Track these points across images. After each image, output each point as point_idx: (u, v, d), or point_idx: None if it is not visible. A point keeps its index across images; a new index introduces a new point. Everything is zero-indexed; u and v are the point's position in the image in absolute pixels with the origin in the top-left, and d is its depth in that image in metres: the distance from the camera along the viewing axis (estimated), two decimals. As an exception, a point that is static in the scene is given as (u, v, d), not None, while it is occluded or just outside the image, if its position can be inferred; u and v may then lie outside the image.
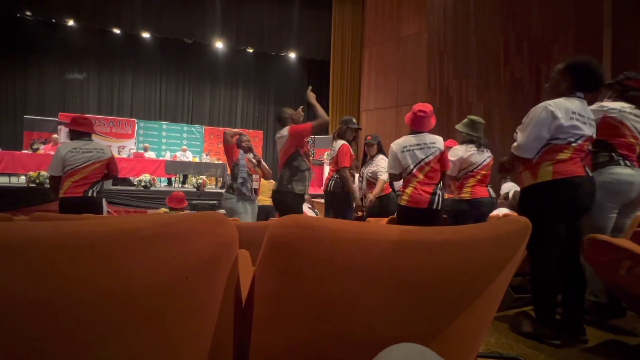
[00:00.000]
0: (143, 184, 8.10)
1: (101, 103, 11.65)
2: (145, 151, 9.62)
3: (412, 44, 9.32)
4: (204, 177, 9.09)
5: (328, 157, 4.61)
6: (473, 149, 2.82)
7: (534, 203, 1.83)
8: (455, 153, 2.84)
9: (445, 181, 2.72)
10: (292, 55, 12.65)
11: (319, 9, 11.37)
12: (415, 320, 0.68)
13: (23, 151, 8.31)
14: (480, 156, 2.82)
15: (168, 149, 10.99)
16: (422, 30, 8.76)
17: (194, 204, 6.67)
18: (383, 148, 3.54)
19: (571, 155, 1.76)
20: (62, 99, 11.15)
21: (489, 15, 6.63)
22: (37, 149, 8.32)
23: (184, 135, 11.67)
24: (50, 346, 0.49)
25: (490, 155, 2.90)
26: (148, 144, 10.19)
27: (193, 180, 9.19)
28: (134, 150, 10.10)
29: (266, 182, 4.40)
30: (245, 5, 11.07)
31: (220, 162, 9.63)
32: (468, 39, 6.97)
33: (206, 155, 10.84)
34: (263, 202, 4.45)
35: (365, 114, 10.66)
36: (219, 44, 11.88)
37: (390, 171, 2.77)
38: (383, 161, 3.39)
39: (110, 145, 6.73)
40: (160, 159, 9.49)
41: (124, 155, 9.68)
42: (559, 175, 1.75)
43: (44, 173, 6.82)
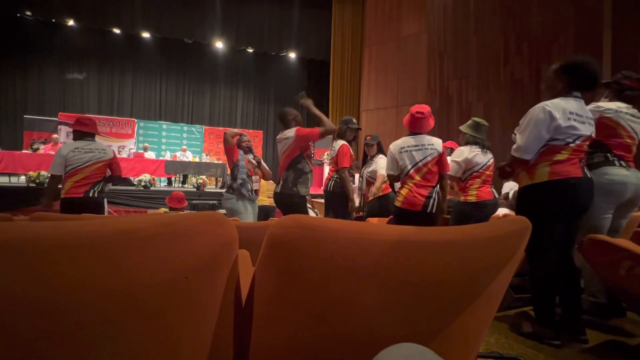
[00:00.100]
0: (143, 184, 8.12)
1: (101, 103, 11.65)
2: (145, 151, 9.63)
3: (412, 44, 9.32)
4: (204, 177, 9.10)
5: (328, 157, 4.62)
6: (477, 149, 2.81)
7: (532, 203, 1.82)
8: (461, 153, 2.83)
9: (445, 183, 2.71)
10: (292, 55, 12.66)
11: (319, 9, 11.38)
12: (415, 320, 0.68)
13: (23, 151, 8.32)
14: (484, 157, 2.82)
15: (168, 149, 10.99)
16: (422, 30, 8.76)
17: (194, 204, 6.66)
18: (383, 148, 3.54)
19: (569, 156, 1.75)
20: (62, 99, 11.16)
21: (489, 15, 6.62)
22: (37, 149, 8.33)
23: (184, 135, 11.67)
24: (51, 346, 0.49)
25: (492, 157, 2.90)
26: (148, 143, 10.20)
27: (193, 180, 9.19)
28: (134, 150, 10.11)
29: (265, 183, 4.40)
30: (245, 5, 11.07)
31: (220, 162, 9.64)
32: (468, 39, 6.97)
33: (206, 155, 10.85)
34: (262, 203, 4.45)
35: (365, 114, 10.66)
36: (219, 44, 11.88)
37: (388, 172, 2.76)
38: (382, 160, 3.39)
39: (111, 145, 6.70)
40: (160, 159, 9.49)
41: (124, 155, 9.68)
42: (556, 176, 1.74)
43: (44, 173, 6.83)
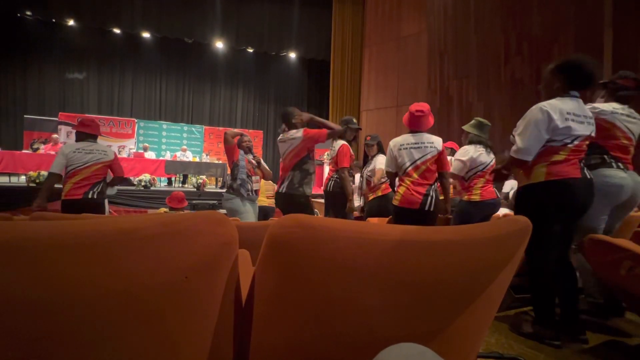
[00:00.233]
0: (143, 183, 8.12)
1: (101, 103, 11.65)
2: (145, 151, 9.63)
3: (412, 44, 9.31)
4: (204, 177, 9.10)
5: (328, 157, 4.62)
6: (482, 149, 2.81)
7: (529, 203, 1.82)
8: (466, 152, 2.82)
9: (446, 182, 2.71)
10: (292, 55, 12.66)
11: (319, 9, 11.38)
12: (415, 320, 0.68)
13: (23, 151, 8.33)
14: (488, 157, 2.82)
15: (168, 149, 11.00)
16: (422, 30, 8.76)
17: (194, 203, 6.67)
18: (383, 148, 3.54)
19: (567, 157, 1.75)
20: (62, 99, 11.17)
21: (489, 15, 6.63)
22: (37, 149, 8.34)
23: (184, 135, 11.67)
24: (51, 346, 0.49)
25: (494, 157, 2.91)
26: (148, 143, 10.21)
27: (193, 180, 9.19)
28: (134, 150, 10.11)
29: (264, 183, 4.39)
30: (245, 5, 11.07)
31: (220, 162, 9.64)
32: (468, 39, 6.97)
33: (206, 155, 10.85)
34: (262, 203, 4.44)
35: (365, 114, 10.66)
36: (219, 44, 11.88)
37: (387, 169, 2.76)
38: (382, 158, 3.39)
39: (111, 145, 6.75)
40: (160, 158, 9.50)
41: (124, 155, 9.69)
42: (552, 177, 1.74)
43: (44, 173, 6.83)
